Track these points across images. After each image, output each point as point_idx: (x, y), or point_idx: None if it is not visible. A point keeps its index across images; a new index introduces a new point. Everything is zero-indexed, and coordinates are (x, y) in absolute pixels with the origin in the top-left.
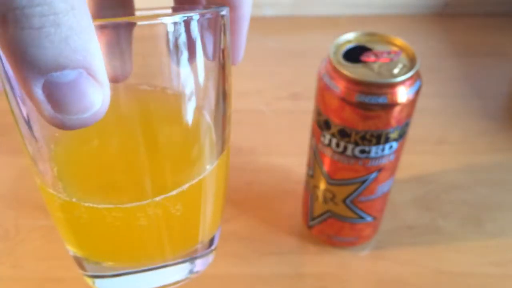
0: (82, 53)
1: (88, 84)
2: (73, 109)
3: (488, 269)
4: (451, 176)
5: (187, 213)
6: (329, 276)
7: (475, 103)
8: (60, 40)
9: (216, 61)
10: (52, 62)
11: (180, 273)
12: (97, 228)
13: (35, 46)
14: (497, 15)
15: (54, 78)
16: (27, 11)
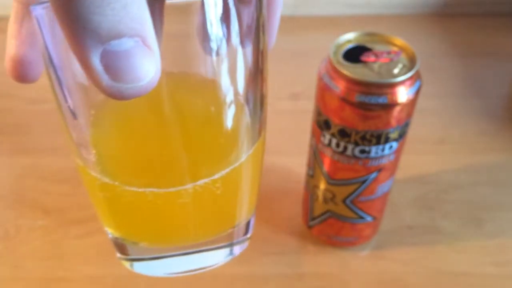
0: (139, 21)
1: (143, 52)
2: (129, 78)
3: (488, 269)
4: (451, 176)
5: (226, 197)
6: (329, 276)
7: (475, 103)
8: (120, 7)
9: (254, 44)
10: (113, 29)
11: (218, 257)
12: (137, 211)
13: (98, 13)
14: (497, 15)
15: (112, 47)
16: None
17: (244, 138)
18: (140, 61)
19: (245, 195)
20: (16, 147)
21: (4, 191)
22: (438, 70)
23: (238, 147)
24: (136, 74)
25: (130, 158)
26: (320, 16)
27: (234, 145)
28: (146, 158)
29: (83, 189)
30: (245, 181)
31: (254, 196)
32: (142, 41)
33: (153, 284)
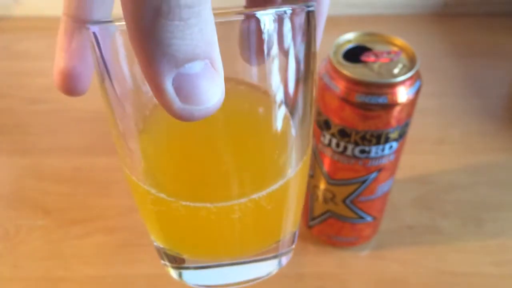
0: (211, 44)
1: (212, 75)
2: (199, 100)
3: (488, 268)
4: (451, 176)
5: (277, 210)
6: (329, 276)
7: (475, 103)
8: (197, 31)
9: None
10: (190, 53)
11: (267, 268)
12: (187, 224)
13: (179, 38)
14: (497, 15)
15: (185, 70)
16: (179, 2)
17: (295, 151)
18: (208, 83)
19: (295, 207)
20: (16, 147)
21: (4, 191)
22: (438, 70)
23: (290, 160)
24: (205, 96)
25: (182, 173)
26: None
27: (283, 161)
28: (198, 173)
29: (83, 189)
30: (295, 193)
31: (300, 209)
32: (211, 64)
33: (153, 283)
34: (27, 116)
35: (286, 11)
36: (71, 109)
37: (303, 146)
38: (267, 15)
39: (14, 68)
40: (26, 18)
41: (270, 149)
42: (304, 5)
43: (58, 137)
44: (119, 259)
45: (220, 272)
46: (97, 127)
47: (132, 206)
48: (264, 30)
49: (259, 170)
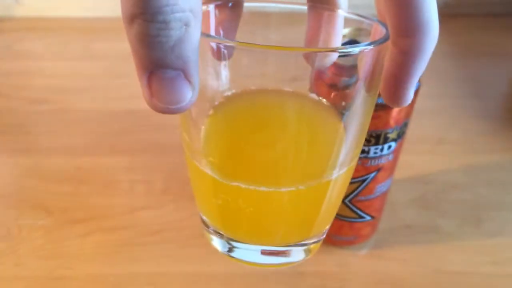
0: (183, 59)
1: (182, 84)
2: (166, 99)
3: (487, 268)
4: (450, 176)
5: (316, 206)
6: (328, 275)
7: (474, 104)
8: (167, 47)
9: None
10: (158, 61)
11: (298, 255)
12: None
13: (148, 47)
14: (496, 15)
15: (157, 73)
16: (149, 24)
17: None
18: (177, 89)
19: (337, 203)
20: (17, 147)
21: (5, 190)
22: (437, 70)
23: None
24: (170, 98)
25: (240, 158)
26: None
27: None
28: (254, 160)
29: (85, 188)
30: (336, 192)
31: (338, 206)
32: (184, 75)
33: (154, 282)
34: (28, 116)
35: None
36: (72, 109)
37: (352, 152)
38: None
39: (15, 68)
40: (27, 19)
41: (325, 150)
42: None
43: (60, 137)
44: (121, 258)
45: (259, 254)
46: (98, 127)
47: (133, 205)
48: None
49: (310, 165)
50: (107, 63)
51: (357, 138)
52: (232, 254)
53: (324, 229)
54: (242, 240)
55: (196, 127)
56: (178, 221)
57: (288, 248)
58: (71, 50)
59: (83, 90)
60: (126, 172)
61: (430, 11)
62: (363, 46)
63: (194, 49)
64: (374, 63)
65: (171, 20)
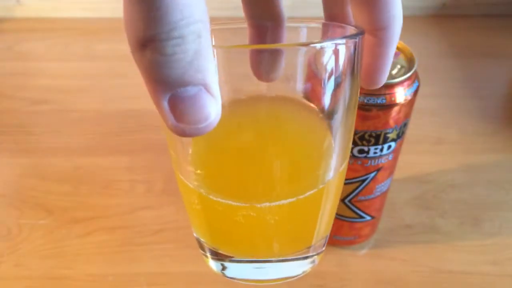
0: (203, 73)
1: (206, 98)
2: (192, 120)
3: (486, 267)
4: (449, 176)
5: (310, 215)
6: (328, 275)
7: (473, 104)
8: (186, 62)
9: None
10: (178, 79)
11: (297, 268)
12: (226, 221)
13: (166, 67)
14: (494, 16)
15: (178, 93)
16: (165, 43)
17: (330, 163)
18: (201, 106)
19: (332, 211)
20: (18, 147)
21: (6, 190)
22: (436, 71)
23: (324, 171)
24: (198, 116)
25: (227, 174)
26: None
27: (320, 169)
28: (241, 176)
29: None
30: (330, 199)
31: (334, 212)
32: (205, 89)
33: (154, 282)
34: (29, 116)
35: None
36: (72, 109)
37: (341, 158)
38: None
39: (16, 68)
40: (28, 19)
41: (311, 158)
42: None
43: (60, 137)
44: (121, 257)
45: (256, 269)
46: (98, 127)
47: (133, 205)
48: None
49: (298, 176)
50: (107, 64)
51: (346, 138)
52: (225, 272)
53: (323, 237)
54: (235, 255)
55: (183, 144)
56: (178, 221)
57: (283, 263)
58: (72, 50)
59: (83, 90)
60: (126, 172)
61: (396, 5)
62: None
63: (211, 60)
64: (356, 57)
65: (187, 34)
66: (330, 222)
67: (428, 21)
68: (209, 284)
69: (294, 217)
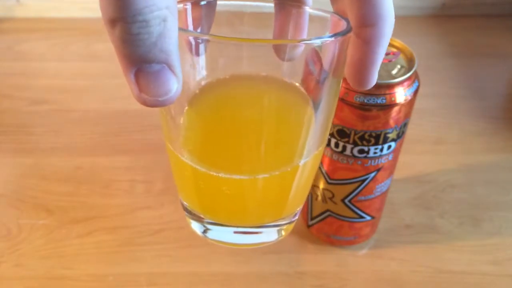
0: (166, 53)
1: (168, 75)
2: (154, 92)
3: (485, 267)
4: (449, 176)
5: (286, 190)
6: (328, 275)
7: (473, 104)
8: (150, 43)
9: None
10: (142, 57)
11: (271, 236)
12: (208, 190)
13: (132, 45)
14: (494, 16)
15: (143, 68)
16: (130, 25)
17: (313, 140)
18: (163, 82)
19: (305, 188)
20: (18, 147)
21: (6, 190)
22: (436, 71)
23: (308, 147)
24: (158, 91)
25: (215, 147)
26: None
27: (301, 147)
28: (227, 149)
29: (85, 188)
30: (306, 175)
31: (309, 189)
32: (168, 67)
33: (154, 282)
34: (29, 116)
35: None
36: (72, 109)
37: (319, 142)
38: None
39: (16, 68)
40: (28, 19)
41: (291, 138)
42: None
43: (60, 137)
44: (121, 257)
45: (235, 233)
46: (98, 127)
47: (133, 205)
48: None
49: (276, 154)
50: (107, 64)
51: (324, 124)
52: (208, 235)
53: (295, 211)
54: (217, 221)
55: (174, 120)
56: (178, 221)
57: (260, 229)
58: (72, 50)
59: (83, 90)
60: (126, 172)
61: (385, 4)
62: (327, 38)
63: (174, 43)
64: (339, 53)
65: (150, 18)
66: (303, 198)
67: (428, 21)
68: (209, 284)
69: (269, 191)
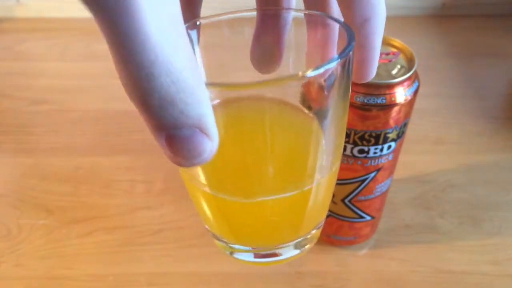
0: (196, 117)
1: (200, 139)
2: (186, 156)
3: (485, 267)
4: (448, 176)
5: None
6: (328, 275)
7: (473, 104)
8: (178, 112)
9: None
10: (171, 124)
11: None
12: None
13: (160, 116)
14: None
15: (173, 133)
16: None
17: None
18: (195, 146)
19: (323, 206)
20: (18, 147)
21: (6, 190)
22: (436, 71)
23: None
24: (191, 154)
25: (228, 173)
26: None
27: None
28: (237, 174)
29: (85, 188)
30: (324, 195)
31: (326, 209)
32: (200, 130)
33: (154, 282)
34: (29, 116)
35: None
36: (72, 109)
37: (332, 158)
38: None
39: (16, 68)
40: (28, 19)
41: (302, 158)
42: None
43: (60, 137)
44: (121, 257)
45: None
46: (98, 127)
47: (133, 205)
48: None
49: (293, 174)
50: (107, 64)
51: (336, 142)
52: (234, 256)
53: (313, 227)
54: (237, 243)
55: None
56: (178, 221)
57: (279, 250)
58: (72, 50)
59: (83, 90)
60: (126, 172)
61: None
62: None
63: (205, 104)
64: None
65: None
66: (322, 215)
67: (428, 21)
68: (209, 284)
69: (285, 212)
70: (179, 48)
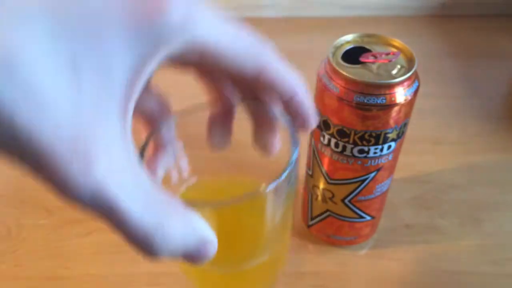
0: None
1: (206, 250)
2: (196, 261)
3: (486, 268)
4: (449, 176)
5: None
6: (328, 275)
7: (473, 104)
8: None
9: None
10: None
11: None
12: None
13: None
14: (494, 16)
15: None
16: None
17: (275, 237)
18: (203, 256)
19: (275, 272)
20: None
21: (6, 190)
22: (436, 70)
23: (277, 239)
24: (200, 258)
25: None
26: (317, 18)
27: (265, 243)
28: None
29: None
30: (272, 263)
31: (278, 271)
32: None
33: (154, 282)
34: None
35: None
36: None
37: (285, 231)
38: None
39: None
40: None
41: (258, 239)
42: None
43: None
44: (121, 257)
45: None
46: None
47: None
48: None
49: (250, 249)
50: None
51: (281, 225)
52: None
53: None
54: None
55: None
56: None
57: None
58: None
59: None
60: None
61: (288, 71)
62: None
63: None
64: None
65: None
66: (274, 277)
67: (428, 21)
68: None
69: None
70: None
